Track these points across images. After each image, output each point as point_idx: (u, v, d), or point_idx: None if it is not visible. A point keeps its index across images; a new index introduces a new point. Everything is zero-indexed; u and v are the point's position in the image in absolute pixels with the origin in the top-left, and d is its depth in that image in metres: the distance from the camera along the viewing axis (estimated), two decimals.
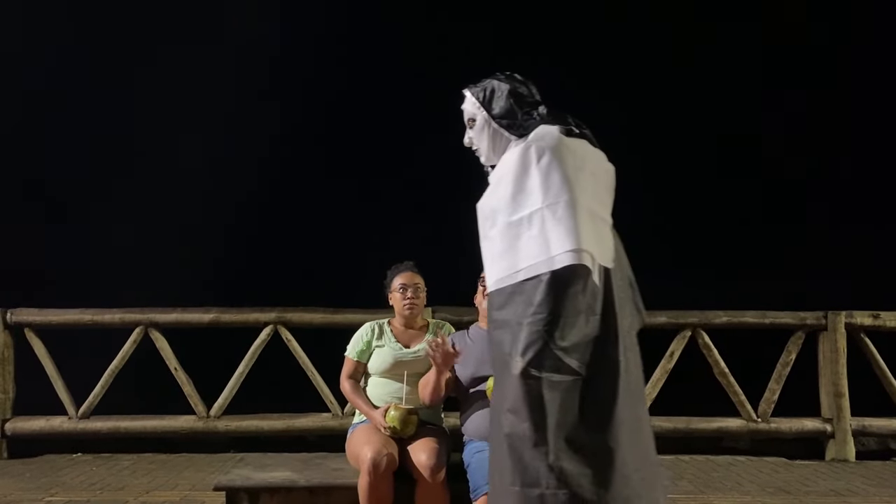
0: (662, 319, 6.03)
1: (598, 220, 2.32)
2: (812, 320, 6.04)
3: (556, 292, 2.13)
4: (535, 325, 2.12)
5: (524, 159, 2.30)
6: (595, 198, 2.34)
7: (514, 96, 2.50)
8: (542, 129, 2.40)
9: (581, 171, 2.31)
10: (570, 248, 2.16)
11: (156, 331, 5.95)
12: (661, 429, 5.91)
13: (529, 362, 2.11)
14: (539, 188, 2.24)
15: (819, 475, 5.37)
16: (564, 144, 2.32)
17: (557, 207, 2.20)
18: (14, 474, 5.25)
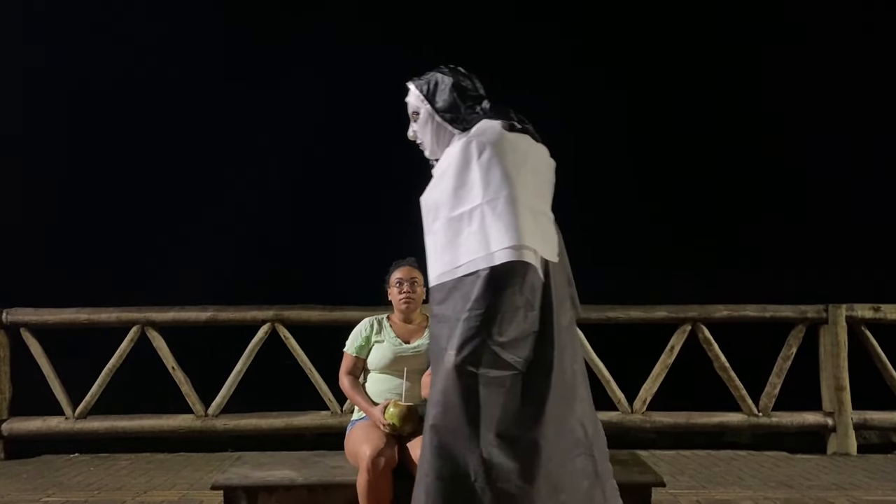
0: (662, 314, 6.00)
1: (539, 215, 2.31)
2: (813, 313, 6.01)
3: (494, 288, 2.13)
4: (472, 320, 2.12)
5: (465, 154, 2.29)
6: (536, 193, 2.33)
7: (457, 90, 2.48)
8: (485, 123, 2.39)
9: (522, 166, 2.30)
10: (509, 244, 2.15)
11: (153, 329, 5.91)
12: (662, 424, 5.90)
13: (465, 358, 2.11)
14: (479, 184, 2.24)
15: (821, 469, 5.34)
16: (506, 140, 2.32)
17: (497, 203, 2.20)
18: (11, 475, 5.22)
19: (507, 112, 2.44)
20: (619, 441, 5.73)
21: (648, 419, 5.91)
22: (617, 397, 5.92)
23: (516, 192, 2.22)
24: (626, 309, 6.03)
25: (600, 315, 5.98)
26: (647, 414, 5.92)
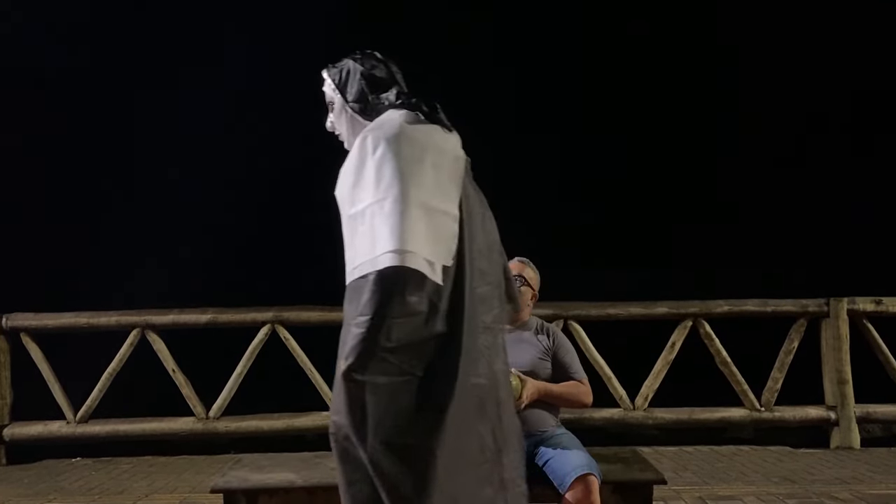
0: (662, 310, 5.99)
1: (436, 214, 2.20)
2: (814, 307, 5.99)
3: (380, 293, 2.05)
4: (359, 326, 2.05)
5: (362, 150, 2.22)
6: (436, 190, 2.22)
7: (365, 78, 2.39)
8: (386, 115, 2.32)
9: (420, 162, 2.20)
10: (392, 248, 2.07)
11: (153, 332, 5.90)
12: (664, 420, 5.88)
13: (351, 365, 2.04)
14: (372, 181, 2.16)
15: (824, 463, 5.33)
16: (404, 133, 2.23)
17: (385, 203, 2.11)
18: (12, 480, 5.21)
19: (416, 101, 2.35)
20: (621, 438, 5.75)
21: (651, 416, 5.89)
22: (619, 394, 5.90)
23: (407, 191, 2.12)
24: (627, 306, 6.01)
25: (600, 312, 5.96)
26: (650, 410, 5.91)
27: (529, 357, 3.12)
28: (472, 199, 2.36)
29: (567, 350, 3.24)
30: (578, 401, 3.16)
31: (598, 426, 5.83)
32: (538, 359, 3.14)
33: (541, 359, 3.14)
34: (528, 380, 2.99)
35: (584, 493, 2.71)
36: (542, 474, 2.89)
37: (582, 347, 5.80)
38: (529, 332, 3.24)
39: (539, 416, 3.06)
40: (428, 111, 2.34)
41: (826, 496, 4.43)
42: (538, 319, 3.36)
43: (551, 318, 5.71)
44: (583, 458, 2.81)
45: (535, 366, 3.10)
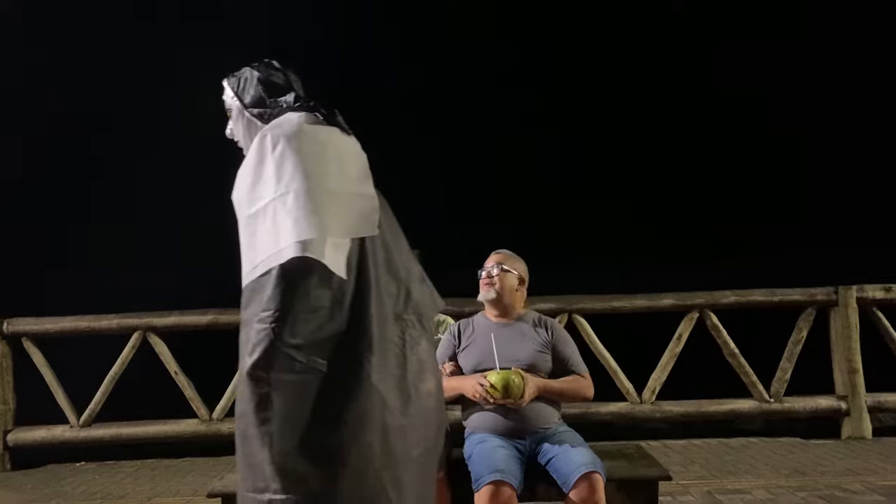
0: (668, 301, 5.91)
1: (348, 196, 2.21)
2: (822, 296, 5.91)
3: (284, 287, 2.02)
4: (263, 322, 2.01)
5: (261, 148, 2.20)
6: (343, 178, 2.22)
7: (263, 84, 2.42)
8: (285, 116, 2.32)
9: (321, 157, 2.20)
10: (296, 238, 2.04)
11: (154, 335, 5.87)
12: (672, 413, 5.81)
13: (256, 362, 2.00)
14: (273, 178, 2.14)
15: (835, 454, 5.25)
16: (304, 132, 2.23)
17: (287, 198, 2.10)
18: (15, 486, 5.19)
19: (314, 105, 2.36)
20: (628, 432, 5.69)
21: (658, 409, 5.82)
22: (625, 388, 5.84)
23: (309, 185, 2.11)
24: (632, 298, 5.94)
25: (605, 305, 5.90)
26: (657, 404, 5.84)
27: (529, 351, 3.08)
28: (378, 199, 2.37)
29: (566, 343, 3.19)
30: (580, 395, 3.11)
31: (605, 420, 5.77)
32: (538, 352, 3.09)
33: (540, 352, 3.10)
34: (530, 377, 2.95)
35: (588, 491, 2.66)
36: (546, 473, 2.84)
37: (587, 341, 5.74)
38: (528, 326, 3.19)
39: (541, 412, 3.01)
40: (326, 114, 2.34)
41: (837, 488, 4.36)
42: (536, 313, 3.31)
43: (555, 313, 5.65)
44: (587, 456, 2.76)
45: (535, 359, 3.06)
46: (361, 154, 2.35)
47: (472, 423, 3.10)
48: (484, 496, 2.68)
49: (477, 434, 3.03)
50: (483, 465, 2.77)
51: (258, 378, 2.01)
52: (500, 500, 2.66)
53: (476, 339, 3.17)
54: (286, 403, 2.01)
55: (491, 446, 2.87)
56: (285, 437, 2.01)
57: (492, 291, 3.17)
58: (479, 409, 3.04)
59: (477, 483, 2.74)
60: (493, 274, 3.19)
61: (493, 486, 2.67)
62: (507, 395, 2.87)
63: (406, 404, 2.21)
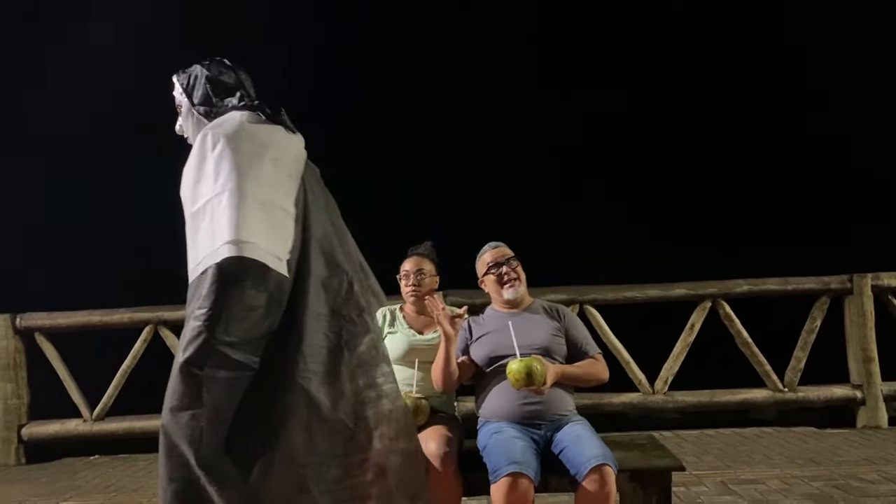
0: (681, 291, 5.87)
1: (274, 209, 2.22)
2: (837, 284, 5.85)
3: (218, 285, 2.04)
4: (197, 319, 2.04)
5: (202, 147, 2.24)
6: (274, 186, 2.25)
7: (210, 83, 2.44)
8: (228, 115, 2.34)
9: (259, 157, 2.22)
10: (229, 238, 2.07)
11: (165, 328, 5.89)
12: (685, 403, 5.78)
13: (189, 358, 2.03)
14: (212, 176, 2.17)
15: (850, 443, 5.20)
16: (243, 131, 2.26)
17: (223, 197, 2.13)
18: (30, 479, 5.23)
19: (258, 104, 2.39)
20: (641, 422, 5.67)
21: (671, 399, 5.79)
22: (638, 378, 5.81)
23: (244, 185, 2.14)
24: (644, 288, 5.90)
25: (617, 296, 5.86)
26: (670, 394, 5.81)
27: (543, 335, 3.07)
28: (318, 195, 2.39)
29: (577, 326, 3.20)
30: (596, 377, 3.11)
31: (618, 411, 5.75)
32: (552, 335, 3.09)
33: (555, 335, 3.09)
34: (549, 365, 2.93)
35: (599, 483, 2.64)
36: (559, 463, 2.81)
37: (598, 332, 5.71)
38: (537, 312, 3.21)
39: (558, 399, 2.99)
40: (271, 113, 2.38)
41: (853, 477, 4.32)
42: (544, 301, 3.32)
43: (567, 304, 5.57)
44: (599, 448, 2.73)
45: (550, 343, 3.06)
46: (300, 155, 2.38)
47: (486, 411, 3.07)
48: (502, 488, 2.66)
49: (492, 423, 3.00)
50: (500, 456, 2.74)
51: (191, 374, 2.03)
52: (518, 492, 2.64)
53: (490, 329, 3.15)
54: (217, 400, 2.03)
55: (507, 437, 2.85)
56: (213, 433, 2.02)
57: (521, 287, 3.20)
58: (494, 396, 3.02)
59: (494, 475, 2.71)
60: (513, 266, 3.20)
61: (511, 479, 2.64)
62: (531, 382, 2.84)
63: (336, 402, 2.20)
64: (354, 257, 2.43)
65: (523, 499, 2.65)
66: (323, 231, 2.32)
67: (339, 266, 2.33)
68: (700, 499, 4.04)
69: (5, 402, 5.84)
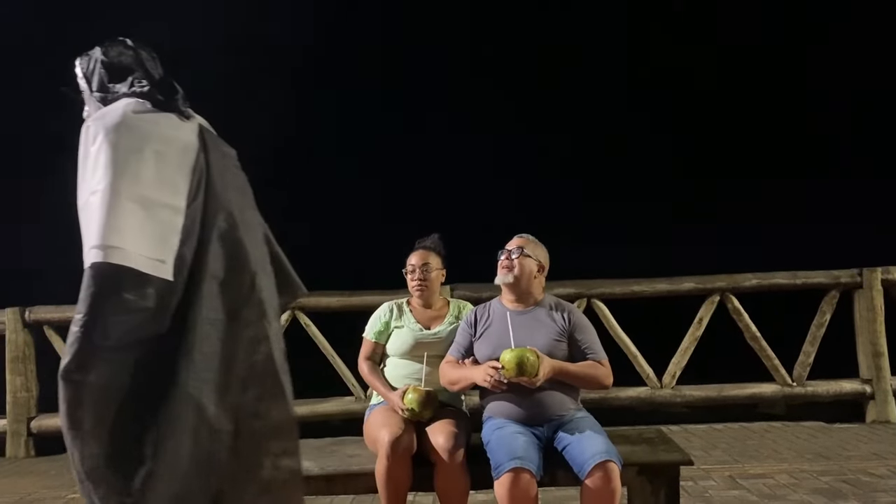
0: (689, 285, 5.85)
1: (156, 208, 2.12)
2: (846, 278, 5.82)
3: (93, 289, 1.98)
4: (75, 324, 1.98)
5: (84, 141, 2.15)
6: (158, 182, 2.14)
7: (105, 67, 2.32)
8: (112, 105, 2.24)
9: (139, 152, 2.12)
10: (95, 244, 2.00)
11: None
12: (693, 398, 5.77)
13: (67, 364, 1.97)
14: (91, 173, 2.10)
15: (860, 438, 5.18)
16: (125, 123, 2.15)
17: (97, 196, 2.05)
18: (39, 472, 5.25)
19: (150, 89, 2.28)
20: (649, 417, 5.66)
21: (679, 393, 5.78)
22: (645, 372, 5.79)
23: (118, 184, 2.05)
24: (652, 282, 5.89)
25: (625, 290, 5.85)
26: (677, 388, 5.79)
27: (543, 338, 3.00)
28: (225, 185, 2.28)
29: (584, 329, 3.10)
30: (597, 382, 3.01)
31: (626, 405, 5.74)
32: (553, 340, 3.01)
33: (556, 340, 3.02)
34: (545, 357, 2.88)
35: (603, 479, 2.62)
36: (562, 459, 2.80)
37: (606, 326, 5.69)
38: (544, 312, 3.12)
39: (558, 399, 2.96)
40: (163, 99, 2.27)
41: (862, 472, 4.30)
42: (553, 298, 3.24)
43: (574, 297, 5.62)
44: (602, 444, 2.71)
45: (550, 347, 2.97)
46: (191, 145, 2.26)
47: (489, 409, 3.07)
48: (504, 483, 2.65)
49: (495, 419, 3.00)
50: (502, 452, 2.74)
51: (71, 380, 1.98)
52: (520, 486, 2.63)
53: (492, 326, 3.12)
54: (98, 406, 1.99)
55: (509, 432, 2.84)
56: (95, 441, 1.99)
57: (509, 276, 3.10)
58: (497, 395, 3.00)
59: (497, 470, 2.71)
60: (512, 257, 3.12)
61: (513, 474, 2.64)
62: (522, 373, 2.80)
63: (227, 414, 2.14)
64: (263, 253, 2.34)
65: (526, 494, 2.64)
66: (227, 225, 2.22)
67: (242, 263, 2.23)
68: (708, 493, 4.03)
69: (15, 395, 5.86)
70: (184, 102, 2.33)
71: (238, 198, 2.32)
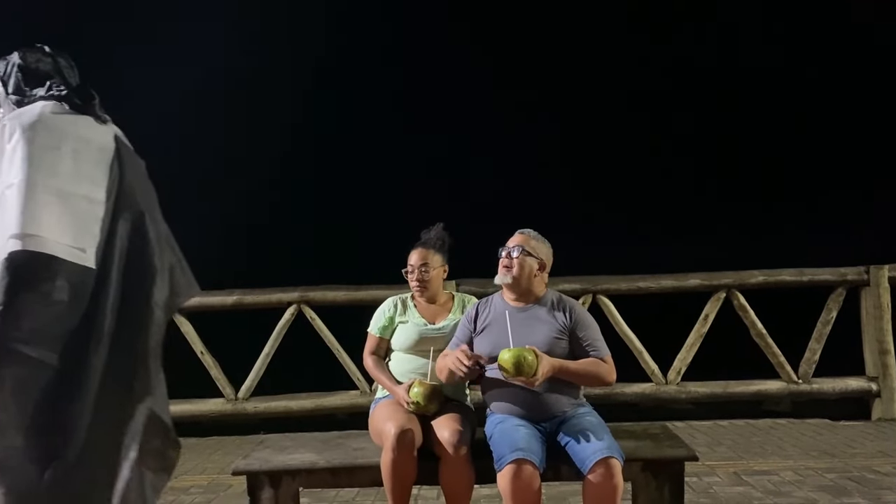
0: (695, 282, 5.84)
1: (74, 199, 2.19)
2: (853, 276, 5.80)
3: (8, 280, 2.03)
4: None
5: (0, 139, 2.23)
6: (75, 176, 2.23)
7: (22, 71, 2.42)
8: (30, 105, 2.33)
9: (56, 149, 2.21)
10: (14, 233, 2.06)
11: (180, 315, 5.91)
12: (698, 394, 5.77)
13: None
14: (7, 168, 2.17)
15: (865, 436, 5.17)
16: (42, 122, 2.24)
17: (13, 189, 2.12)
18: None
19: (67, 93, 2.36)
20: (653, 413, 5.65)
21: (684, 390, 5.77)
22: (650, 368, 5.79)
23: (34, 177, 2.13)
24: (658, 278, 5.88)
25: (631, 285, 5.84)
26: (682, 384, 5.79)
27: (543, 335, 2.96)
28: (134, 186, 2.37)
29: (586, 325, 3.03)
30: (599, 379, 2.97)
31: (630, 401, 5.74)
32: (553, 337, 2.96)
33: (556, 337, 2.97)
34: (544, 356, 2.83)
35: (605, 476, 2.62)
36: (565, 454, 2.80)
37: (612, 322, 5.69)
38: (544, 310, 3.06)
39: (556, 399, 2.93)
40: (81, 103, 2.36)
41: (868, 470, 4.29)
42: (555, 294, 3.17)
43: (579, 293, 5.61)
44: (604, 441, 2.70)
45: (549, 345, 2.93)
46: (108, 146, 2.35)
47: (492, 405, 3.07)
48: (507, 475, 2.65)
49: (497, 414, 3.00)
50: (504, 444, 2.74)
51: None
52: (523, 478, 2.63)
53: (491, 323, 3.08)
54: (11, 397, 2.02)
55: (512, 425, 2.84)
56: (7, 433, 2.01)
57: (508, 276, 3.04)
58: (498, 391, 2.99)
59: (499, 463, 2.71)
60: (512, 256, 3.06)
61: (516, 465, 2.64)
62: (520, 372, 2.76)
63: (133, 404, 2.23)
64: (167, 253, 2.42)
65: (528, 485, 2.64)
66: (136, 224, 2.31)
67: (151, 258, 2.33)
68: (713, 489, 4.03)
69: None
70: (100, 108, 2.42)
71: (147, 201, 2.42)
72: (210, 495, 4.27)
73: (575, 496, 3.82)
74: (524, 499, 2.65)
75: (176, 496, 4.28)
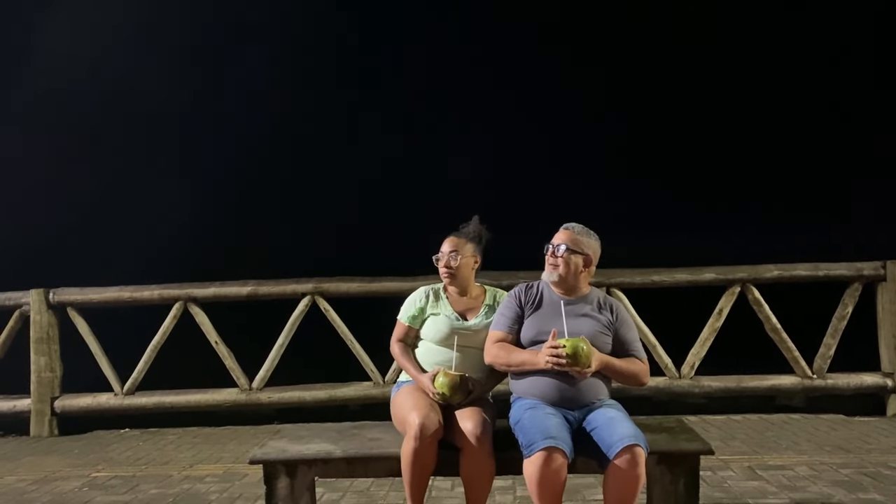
0: (710, 276, 5.82)
1: None
2: (870, 270, 5.76)
3: None
4: None
5: None
6: None
7: None
8: None
9: None
10: None
11: (195, 305, 5.95)
12: (711, 388, 5.75)
13: None
14: None
15: (880, 432, 5.14)
16: None
17: None
18: (63, 451, 5.33)
19: None
20: (667, 407, 5.65)
21: (697, 384, 5.76)
22: (664, 362, 5.78)
23: None
24: (673, 272, 5.86)
25: (645, 279, 5.82)
26: (696, 379, 5.77)
27: (590, 330, 2.99)
28: None
29: (629, 326, 3.12)
30: (637, 379, 3.04)
31: (644, 395, 5.70)
32: (599, 333, 3.01)
33: (602, 333, 3.01)
34: (595, 351, 2.89)
35: (630, 463, 2.62)
36: (591, 440, 2.80)
37: None
38: (590, 306, 3.09)
39: (595, 386, 2.96)
40: None
41: (883, 465, 4.27)
42: (600, 292, 3.21)
43: (594, 287, 5.58)
44: (631, 429, 2.72)
45: (595, 340, 2.96)
46: None
47: (520, 389, 3.04)
48: (536, 462, 2.64)
49: (526, 399, 2.98)
50: (535, 430, 2.72)
51: None
52: (552, 467, 2.62)
53: (541, 309, 3.09)
54: None
55: (543, 413, 2.83)
56: None
57: (554, 274, 3.08)
58: (531, 376, 2.98)
59: (529, 448, 2.68)
60: (558, 254, 3.08)
61: (546, 453, 2.62)
62: (576, 362, 2.82)
63: None
64: None
65: (557, 474, 2.63)
66: None
67: None
68: (727, 483, 4.02)
69: (39, 375, 5.95)
70: None
71: None
72: (225, 484, 4.31)
73: (589, 489, 3.82)
74: (551, 487, 2.64)
75: (192, 485, 4.32)
